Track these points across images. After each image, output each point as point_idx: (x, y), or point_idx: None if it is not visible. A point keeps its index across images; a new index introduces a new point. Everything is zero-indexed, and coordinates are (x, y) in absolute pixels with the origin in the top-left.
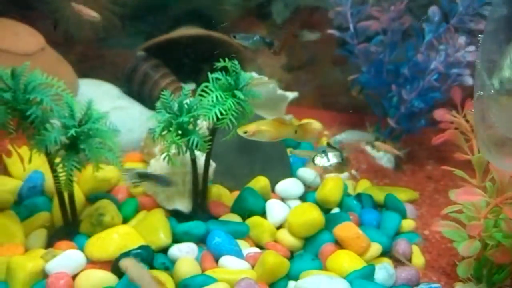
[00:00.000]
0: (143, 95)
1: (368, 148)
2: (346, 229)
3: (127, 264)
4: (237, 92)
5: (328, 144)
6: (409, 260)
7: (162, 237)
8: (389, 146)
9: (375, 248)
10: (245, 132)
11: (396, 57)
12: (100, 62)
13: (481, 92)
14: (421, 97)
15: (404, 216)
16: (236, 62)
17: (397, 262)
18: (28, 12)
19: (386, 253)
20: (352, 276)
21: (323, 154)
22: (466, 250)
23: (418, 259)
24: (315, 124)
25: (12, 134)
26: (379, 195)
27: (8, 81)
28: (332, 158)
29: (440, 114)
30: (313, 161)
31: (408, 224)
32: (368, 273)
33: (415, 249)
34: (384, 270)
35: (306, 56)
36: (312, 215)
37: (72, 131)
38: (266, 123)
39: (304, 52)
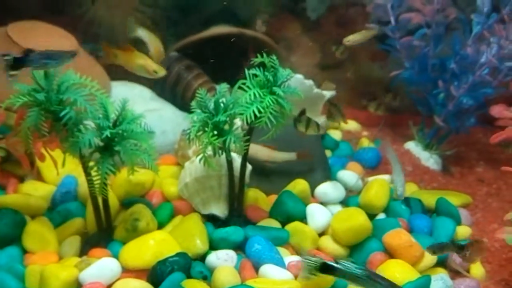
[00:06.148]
0: (176, 96)
1: (412, 148)
2: (397, 237)
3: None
4: (276, 89)
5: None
6: (467, 271)
7: (198, 243)
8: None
9: (429, 257)
10: None
11: (441, 51)
12: None
13: None
14: (471, 94)
15: (458, 222)
16: (274, 57)
17: (454, 273)
18: (61, 16)
19: (441, 263)
20: None
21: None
22: None
23: (477, 269)
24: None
25: (45, 136)
26: (429, 200)
27: (41, 81)
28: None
29: (497, 110)
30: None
31: (463, 231)
32: (423, 284)
33: None
34: (441, 281)
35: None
36: (358, 220)
37: (107, 132)
38: None
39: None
